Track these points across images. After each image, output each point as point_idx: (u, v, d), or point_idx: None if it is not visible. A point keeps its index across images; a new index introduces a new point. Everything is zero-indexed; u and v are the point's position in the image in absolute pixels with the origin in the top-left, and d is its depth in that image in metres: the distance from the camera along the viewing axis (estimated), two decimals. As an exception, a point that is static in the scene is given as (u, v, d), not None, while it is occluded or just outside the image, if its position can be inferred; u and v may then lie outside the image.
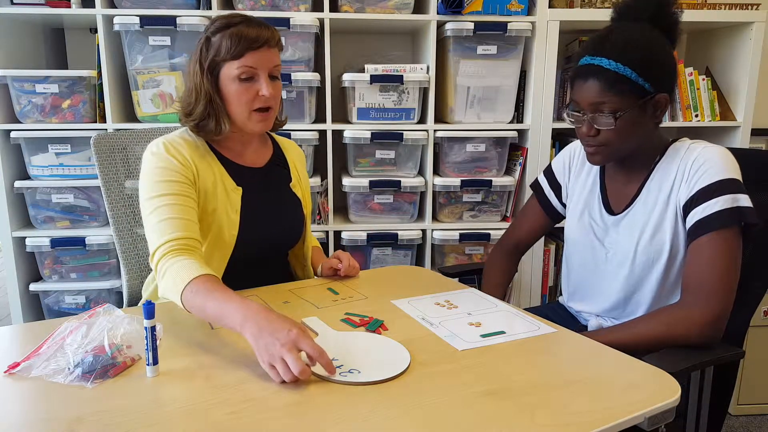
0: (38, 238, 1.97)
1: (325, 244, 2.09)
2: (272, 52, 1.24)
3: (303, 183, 1.46)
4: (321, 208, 2.07)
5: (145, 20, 1.87)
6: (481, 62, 2.02)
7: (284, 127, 1.96)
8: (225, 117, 1.25)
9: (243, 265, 1.30)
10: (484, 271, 1.53)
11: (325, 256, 1.50)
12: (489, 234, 2.09)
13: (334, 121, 2.03)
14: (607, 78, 1.13)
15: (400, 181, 2.04)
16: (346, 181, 2.04)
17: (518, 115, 2.12)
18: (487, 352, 0.97)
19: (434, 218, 2.15)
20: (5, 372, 0.91)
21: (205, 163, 1.28)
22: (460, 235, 2.09)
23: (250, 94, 1.22)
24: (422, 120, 2.07)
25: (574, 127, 1.24)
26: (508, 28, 1.97)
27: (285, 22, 1.91)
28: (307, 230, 1.46)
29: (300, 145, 1.97)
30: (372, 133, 1.99)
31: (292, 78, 1.94)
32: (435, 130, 2.04)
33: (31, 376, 0.89)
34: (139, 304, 1.33)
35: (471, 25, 1.95)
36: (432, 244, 2.11)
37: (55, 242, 1.97)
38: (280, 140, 1.49)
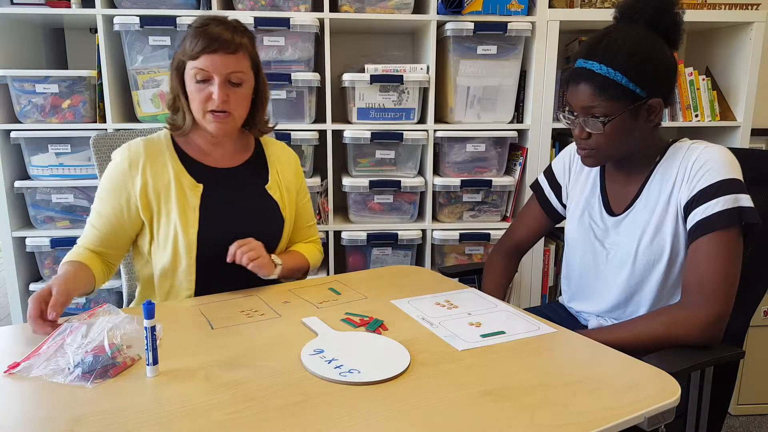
0: (38, 238, 1.97)
1: (325, 244, 2.08)
2: (229, 58, 1.24)
3: (285, 185, 1.44)
4: (321, 208, 2.07)
5: (145, 20, 1.87)
6: (481, 62, 2.02)
7: (285, 127, 1.98)
8: (188, 113, 1.30)
9: (219, 266, 1.26)
10: (484, 271, 1.53)
11: (303, 260, 1.47)
12: (489, 234, 2.09)
13: (334, 121, 2.03)
14: (598, 83, 1.13)
15: (400, 181, 2.04)
16: (346, 181, 2.04)
17: (518, 115, 2.12)
18: (487, 352, 0.97)
19: (434, 218, 2.15)
20: (5, 372, 0.91)
21: (161, 164, 1.31)
22: (460, 235, 2.09)
23: (204, 96, 1.26)
24: (422, 120, 2.07)
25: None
26: (508, 28, 1.97)
27: (285, 22, 1.91)
28: (286, 233, 1.43)
29: (300, 146, 2.00)
30: (372, 133, 1.99)
31: (292, 78, 1.94)
32: (435, 130, 2.04)
33: (31, 376, 0.89)
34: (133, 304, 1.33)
35: (471, 25, 1.95)
36: (432, 244, 2.11)
37: (55, 242, 1.97)
38: (268, 143, 1.48)
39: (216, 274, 1.28)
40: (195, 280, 1.30)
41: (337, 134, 2.03)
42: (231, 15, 1.90)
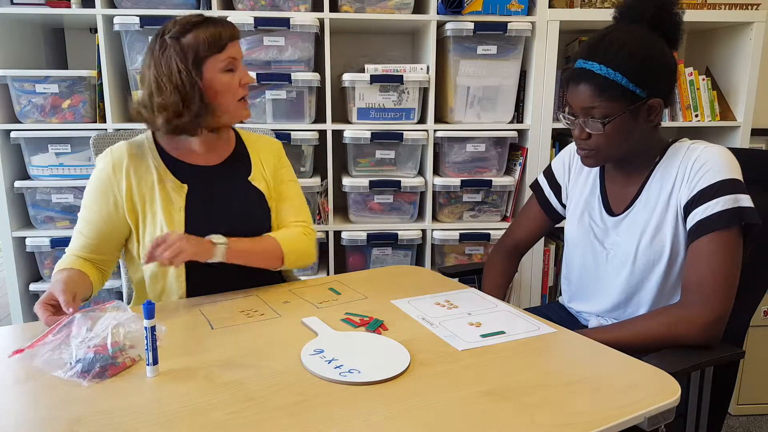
0: (38, 238, 1.97)
1: (325, 244, 2.08)
2: (240, 44, 1.32)
3: (269, 172, 1.42)
4: (321, 208, 2.07)
5: (145, 20, 1.87)
6: (481, 62, 2.02)
7: (285, 127, 1.98)
8: (211, 112, 1.28)
9: (209, 265, 1.23)
10: (484, 271, 1.53)
11: (267, 242, 1.35)
12: (489, 234, 2.09)
13: (334, 121, 2.03)
14: (598, 83, 1.13)
15: (400, 181, 2.04)
16: (346, 181, 2.04)
17: (518, 115, 2.12)
18: (487, 352, 0.98)
19: (434, 218, 2.15)
20: (9, 356, 0.92)
21: (144, 167, 1.30)
22: (460, 235, 2.09)
23: (235, 84, 1.28)
24: (422, 120, 2.07)
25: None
26: (508, 28, 1.97)
27: (285, 22, 1.91)
28: (275, 222, 1.41)
29: (300, 146, 2.00)
30: (372, 133, 1.99)
31: (292, 78, 1.94)
32: (435, 130, 2.04)
33: (33, 365, 0.90)
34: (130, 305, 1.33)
35: (471, 25, 1.95)
36: (432, 244, 2.11)
37: (55, 242, 1.97)
38: (247, 135, 1.47)
39: (206, 274, 1.26)
40: (185, 281, 1.29)
41: (337, 134, 2.03)
42: (231, 15, 1.90)
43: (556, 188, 1.44)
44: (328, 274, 2.09)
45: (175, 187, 1.30)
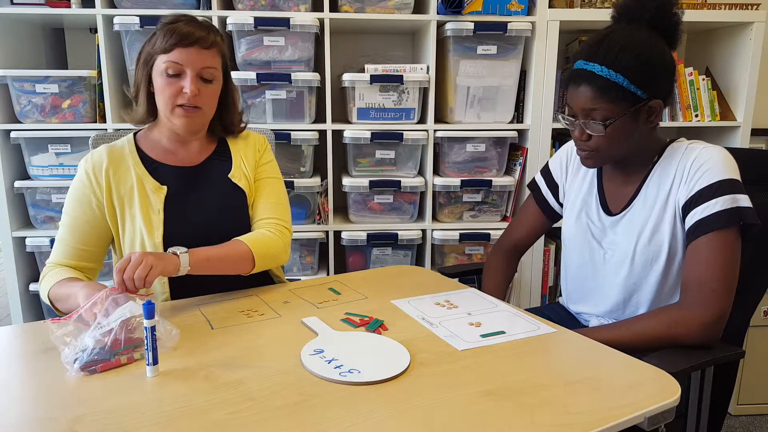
0: (38, 238, 1.98)
1: (325, 244, 2.09)
2: (203, 53, 1.25)
3: (250, 170, 1.40)
4: (321, 208, 2.08)
5: (145, 20, 1.87)
6: (481, 62, 2.02)
7: (285, 127, 1.98)
8: (145, 107, 1.30)
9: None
10: (484, 271, 1.53)
11: (235, 246, 1.27)
12: (489, 234, 2.09)
13: (334, 121, 2.03)
14: (599, 85, 1.13)
15: (400, 181, 2.04)
16: (346, 181, 2.04)
17: (518, 115, 2.12)
18: (487, 352, 0.98)
19: (434, 218, 2.15)
20: (51, 320, 0.98)
21: (124, 169, 1.30)
22: (460, 235, 2.09)
23: (173, 90, 1.25)
24: (422, 120, 2.07)
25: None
26: (508, 28, 1.97)
27: (285, 22, 1.91)
28: (251, 218, 1.39)
29: (300, 146, 2.00)
30: (372, 133, 2.00)
31: (292, 78, 1.94)
32: (435, 130, 2.04)
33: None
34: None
35: (471, 25, 1.95)
36: (432, 244, 2.11)
37: (55, 242, 1.97)
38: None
39: (189, 275, 1.21)
40: (168, 282, 1.29)
41: (337, 134, 2.03)
42: (231, 15, 1.90)
43: (554, 187, 1.44)
44: (328, 274, 2.09)
45: (154, 188, 1.30)
